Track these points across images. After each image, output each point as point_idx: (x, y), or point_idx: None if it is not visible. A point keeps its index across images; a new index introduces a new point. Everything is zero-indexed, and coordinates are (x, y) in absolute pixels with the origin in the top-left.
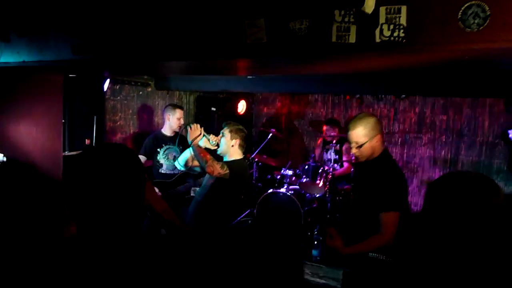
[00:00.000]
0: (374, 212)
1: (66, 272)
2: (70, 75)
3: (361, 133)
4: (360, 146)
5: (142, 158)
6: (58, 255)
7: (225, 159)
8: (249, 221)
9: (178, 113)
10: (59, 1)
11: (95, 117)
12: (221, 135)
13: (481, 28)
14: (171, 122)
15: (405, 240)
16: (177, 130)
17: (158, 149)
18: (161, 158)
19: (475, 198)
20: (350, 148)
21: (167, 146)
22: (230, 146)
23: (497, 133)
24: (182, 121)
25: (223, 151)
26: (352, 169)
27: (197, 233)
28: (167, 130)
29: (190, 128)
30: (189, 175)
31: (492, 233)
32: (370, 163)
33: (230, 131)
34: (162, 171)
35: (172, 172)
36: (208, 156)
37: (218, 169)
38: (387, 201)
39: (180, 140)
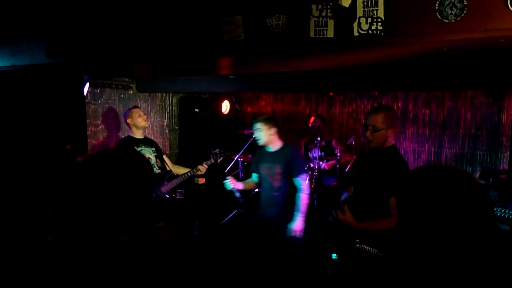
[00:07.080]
0: (382, 196)
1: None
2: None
3: (381, 119)
4: (376, 131)
5: None
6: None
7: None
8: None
9: (135, 111)
10: (32, 3)
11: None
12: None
13: (458, 18)
14: (135, 123)
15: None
16: (146, 126)
17: None
18: None
19: (454, 190)
20: (365, 131)
21: (140, 149)
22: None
23: (479, 124)
24: (144, 116)
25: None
26: (350, 159)
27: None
28: (135, 133)
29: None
30: (165, 176)
31: (472, 224)
32: (381, 152)
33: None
34: None
35: None
36: None
37: None
38: (398, 186)
39: None
